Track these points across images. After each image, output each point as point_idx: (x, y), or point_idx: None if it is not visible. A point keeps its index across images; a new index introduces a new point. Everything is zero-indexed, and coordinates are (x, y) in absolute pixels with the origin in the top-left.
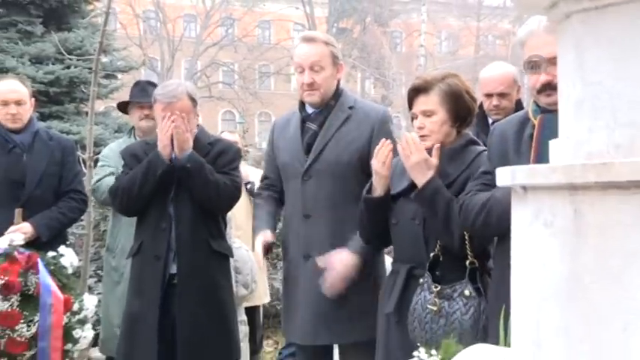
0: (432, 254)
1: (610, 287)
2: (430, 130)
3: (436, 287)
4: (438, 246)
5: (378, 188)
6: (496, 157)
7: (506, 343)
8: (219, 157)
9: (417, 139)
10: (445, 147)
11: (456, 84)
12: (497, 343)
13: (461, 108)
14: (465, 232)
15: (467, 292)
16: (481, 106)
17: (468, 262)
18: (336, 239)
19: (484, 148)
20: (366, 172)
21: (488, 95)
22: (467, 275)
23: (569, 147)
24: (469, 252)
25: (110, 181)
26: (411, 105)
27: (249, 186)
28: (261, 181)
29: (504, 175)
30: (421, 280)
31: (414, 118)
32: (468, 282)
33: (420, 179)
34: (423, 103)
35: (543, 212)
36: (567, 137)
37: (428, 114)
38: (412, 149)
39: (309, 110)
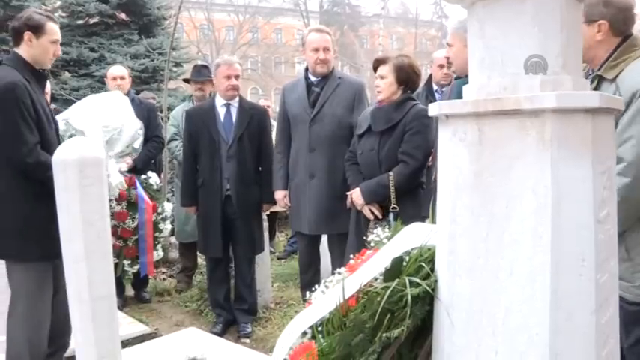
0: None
1: (499, 179)
2: (382, 88)
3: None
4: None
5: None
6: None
7: (433, 221)
8: (261, 120)
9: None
10: (392, 101)
11: (403, 61)
12: None
13: (405, 76)
14: (392, 190)
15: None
16: (430, 77)
17: (391, 208)
18: (330, 165)
19: (417, 102)
20: (349, 121)
21: (441, 66)
22: (389, 216)
23: (475, 88)
24: (393, 201)
25: (173, 145)
26: (375, 70)
27: None
28: (280, 143)
29: (434, 108)
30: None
31: (376, 78)
32: (391, 220)
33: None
34: (380, 70)
35: (459, 131)
36: (474, 82)
37: (382, 77)
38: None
39: (312, 78)
